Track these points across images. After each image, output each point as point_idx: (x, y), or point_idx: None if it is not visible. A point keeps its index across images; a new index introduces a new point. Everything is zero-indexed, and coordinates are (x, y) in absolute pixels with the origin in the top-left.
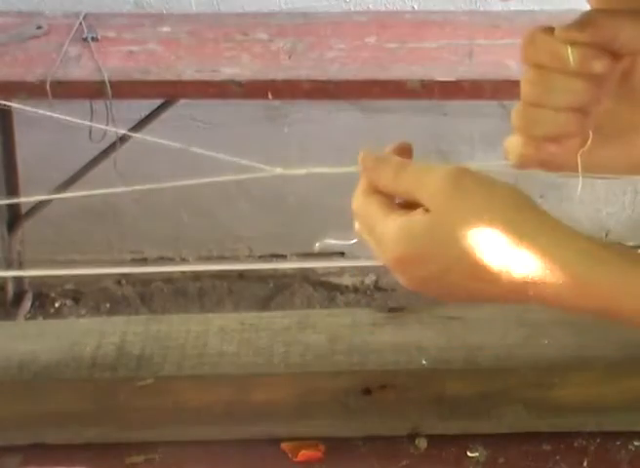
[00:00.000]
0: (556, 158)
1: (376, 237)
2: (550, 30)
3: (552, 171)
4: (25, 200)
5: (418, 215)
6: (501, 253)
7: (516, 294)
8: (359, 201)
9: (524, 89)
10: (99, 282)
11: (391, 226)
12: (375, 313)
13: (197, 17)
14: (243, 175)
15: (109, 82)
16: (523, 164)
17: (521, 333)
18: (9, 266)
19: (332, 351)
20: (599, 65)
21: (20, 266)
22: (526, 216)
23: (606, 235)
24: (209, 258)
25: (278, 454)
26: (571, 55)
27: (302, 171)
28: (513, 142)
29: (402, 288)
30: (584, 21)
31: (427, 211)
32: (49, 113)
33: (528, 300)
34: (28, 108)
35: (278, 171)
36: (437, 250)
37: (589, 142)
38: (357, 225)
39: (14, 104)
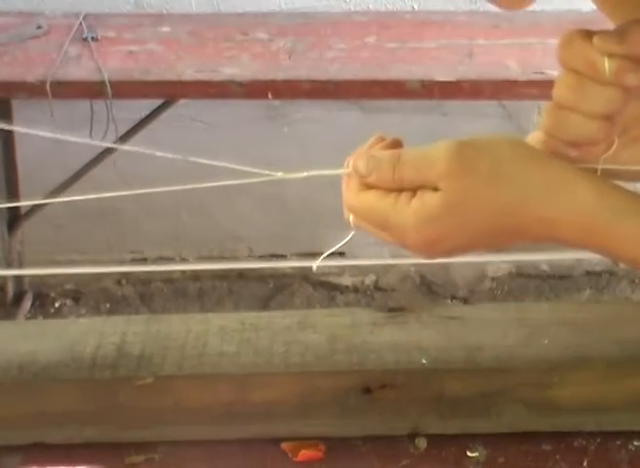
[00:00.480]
0: (575, 162)
1: (392, 227)
2: (588, 36)
3: None
4: (25, 204)
5: (428, 197)
6: (519, 211)
7: (542, 239)
8: (358, 200)
9: (558, 90)
10: (98, 282)
11: (406, 214)
12: (375, 313)
13: (197, 17)
14: (244, 180)
15: (109, 82)
16: None
17: (521, 333)
18: (9, 266)
19: (332, 351)
20: (634, 79)
21: (20, 266)
22: (530, 169)
23: None
24: (209, 258)
25: (278, 454)
26: (607, 66)
27: (303, 174)
28: (532, 139)
29: (402, 288)
30: (622, 33)
31: (436, 189)
32: None
33: (552, 241)
34: None
35: (279, 175)
36: (459, 225)
37: (614, 148)
38: (359, 222)
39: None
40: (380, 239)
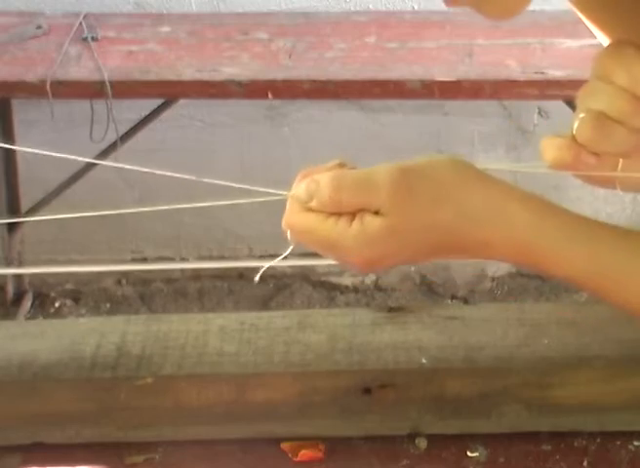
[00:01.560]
0: (593, 170)
1: (332, 248)
2: (632, 48)
3: (586, 181)
4: (26, 218)
5: (369, 220)
6: (457, 232)
7: (479, 257)
8: (298, 220)
9: (610, 102)
10: (98, 282)
11: (347, 236)
12: (375, 313)
13: (197, 17)
14: (252, 199)
15: (109, 82)
16: (557, 167)
17: (521, 333)
18: (9, 266)
19: (332, 351)
20: None
21: (20, 266)
22: (471, 191)
23: None
24: (209, 258)
25: (278, 454)
26: None
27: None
28: (552, 144)
29: (402, 288)
30: None
31: (377, 213)
32: None
33: (488, 258)
34: None
35: (285, 194)
36: (400, 247)
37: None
38: (299, 240)
39: None
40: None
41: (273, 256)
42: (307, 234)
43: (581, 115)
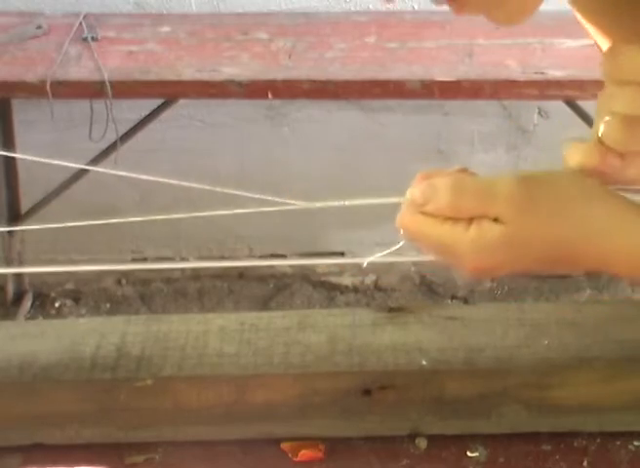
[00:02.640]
0: (618, 172)
1: (447, 253)
2: None
3: (612, 184)
4: (25, 227)
5: (487, 227)
6: (577, 246)
7: (596, 270)
8: (413, 223)
9: (626, 100)
10: (98, 282)
11: (463, 241)
12: (375, 313)
13: (197, 17)
14: (261, 208)
15: (109, 82)
16: (584, 172)
17: (521, 334)
18: (9, 266)
19: (332, 351)
20: None
21: (21, 266)
22: (592, 206)
23: None
24: (209, 258)
25: (278, 454)
26: None
27: (342, 203)
28: (578, 149)
29: (402, 288)
30: None
31: (496, 220)
32: None
33: (605, 273)
34: None
35: (316, 204)
36: (517, 257)
37: None
38: (413, 239)
39: None
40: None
41: (273, 256)
42: (422, 236)
43: (607, 118)
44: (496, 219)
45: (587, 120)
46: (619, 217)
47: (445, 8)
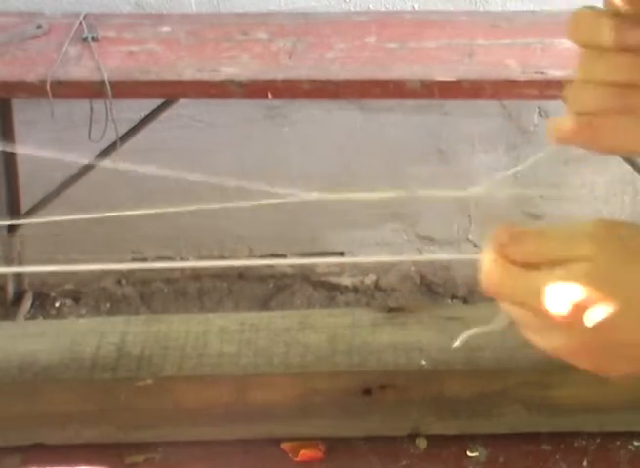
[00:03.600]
0: (600, 134)
1: (530, 293)
2: (594, 9)
3: (595, 150)
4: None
5: (575, 267)
6: None
7: None
8: (492, 266)
9: (577, 68)
10: (99, 282)
11: (550, 280)
12: (375, 313)
13: (197, 17)
14: (260, 201)
15: (109, 82)
16: (566, 139)
17: (521, 334)
18: (9, 266)
19: (332, 351)
20: (634, 37)
21: (21, 266)
22: None
23: None
24: (209, 258)
25: (278, 454)
26: (607, 28)
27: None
28: (559, 120)
29: (402, 288)
30: None
31: (581, 262)
32: None
33: None
34: None
35: (314, 195)
36: (605, 296)
37: None
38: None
39: None
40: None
41: (273, 256)
42: (501, 283)
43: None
44: (581, 262)
45: None
46: None
47: (445, 8)
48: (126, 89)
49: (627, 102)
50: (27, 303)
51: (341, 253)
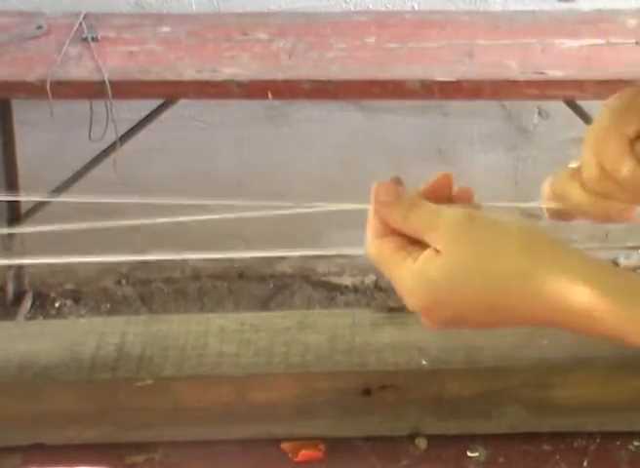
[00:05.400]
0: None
1: (395, 283)
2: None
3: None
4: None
5: (429, 261)
6: (515, 288)
7: (534, 323)
8: (373, 245)
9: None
10: (98, 282)
11: (407, 274)
12: (375, 313)
13: (197, 17)
14: (257, 212)
15: (109, 82)
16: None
17: (521, 334)
18: (9, 266)
19: (332, 351)
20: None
21: (21, 266)
22: (536, 251)
23: (606, 236)
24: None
25: (278, 454)
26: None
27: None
28: (572, 191)
29: None
30: None
31: (438, 251)
32: None
33: (546, 325)
34: None
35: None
36: (454, 294)
37: None
38: (375, 264)
39: None
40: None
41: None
42: (380, 262)
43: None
44: (437, 251)
45: (587, 120)
46: (561, 266)
47: (445, 8)
48: (126, 89)
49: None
50: (27, 303)
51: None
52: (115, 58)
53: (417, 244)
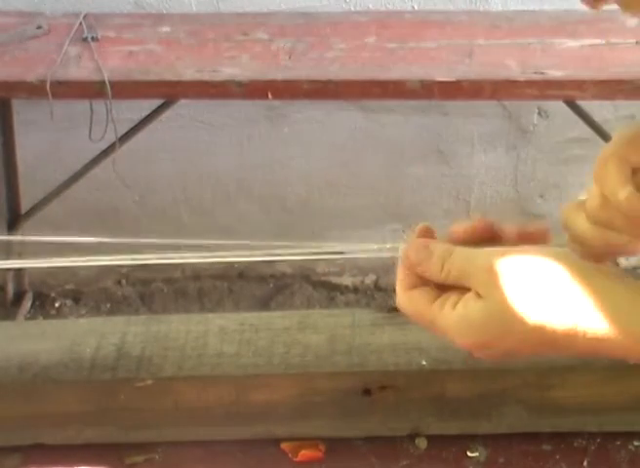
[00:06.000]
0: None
1: (439, 331)
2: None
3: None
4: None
5: (472, 305)
6: (559, 322)
7: (581, 352)
8: (405, 298)
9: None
10: (98, 282)
11: (450, 320)
12: (375, 313)
13: (197, 17)
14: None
15: (109, 82)
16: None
17: None
18: (9, 267)
19: (332, 352)
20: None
21: (21, 267)
22: (574, 284)
23: None
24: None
25: (278, 454)
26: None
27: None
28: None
29: None
30: None
31: (479, 295)
32: None
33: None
34: None
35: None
36: (503, 334)
37: None
38: (410, 319)
39: None
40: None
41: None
42: (416, 314)
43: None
44: (479, 295)
45: (587, 120)
46: (602, 297)
47: (445, 8)
48: (126, 89)
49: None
50: (27, 303)
51: (341, 254)
52: (115, 58)
53: (448, 289)
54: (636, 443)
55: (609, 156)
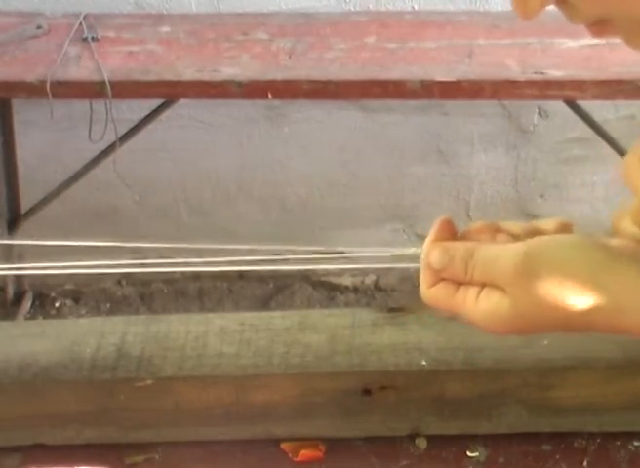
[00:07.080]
0: None
1: (467, 321)
2: None
3: None
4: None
5: (496, 299)
6: (585, 314)
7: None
8: (429, 295)
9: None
10: (98, 282)
11: (476, 313)
12: (375, 313)
13: (197, 17)
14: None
15: (109, 82)
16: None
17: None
18: (9, 266)
19: (332, 352)
20: None
21: (21, 267)
22: (597, 275)
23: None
24: (209, 258)
25: (278, 454)
26: None
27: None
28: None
29: (402, 288)
30: None
31: (504, 290)
32: None
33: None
34: None
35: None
36: (528, 326)
37: None
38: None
39: None
40: None
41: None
42: (441, 307)
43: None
44: (504, 290)
45: (587, 120)
46: (626, 285)
47: (445, 8)
48: (126, 89)
49: None
50: (27, 303)
51: (341, 254)
52: (115, 58)
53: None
54: (636, 443)
55: (636, 162)
